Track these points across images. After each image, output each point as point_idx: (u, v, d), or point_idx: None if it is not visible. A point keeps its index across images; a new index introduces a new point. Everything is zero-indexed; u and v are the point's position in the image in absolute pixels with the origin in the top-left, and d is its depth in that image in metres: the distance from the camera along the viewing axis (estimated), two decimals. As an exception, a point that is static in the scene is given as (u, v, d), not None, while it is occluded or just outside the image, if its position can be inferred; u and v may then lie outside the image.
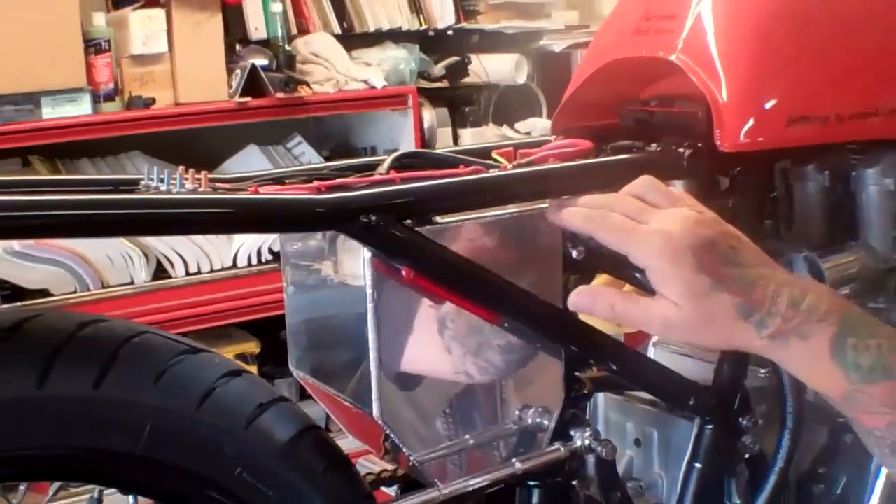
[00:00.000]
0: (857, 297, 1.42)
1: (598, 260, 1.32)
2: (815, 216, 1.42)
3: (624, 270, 1.36)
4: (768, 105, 1.30)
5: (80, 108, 2.97)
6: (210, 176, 1.21)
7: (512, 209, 1.19)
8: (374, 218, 1.07)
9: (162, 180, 1.12)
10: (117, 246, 2.96)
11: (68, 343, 1.03)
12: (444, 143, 3.78)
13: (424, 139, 3.62)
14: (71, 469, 1.07)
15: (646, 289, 1.35)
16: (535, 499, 1.37)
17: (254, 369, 3.42)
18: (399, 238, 1.10)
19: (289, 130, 3.57)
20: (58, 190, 1.20)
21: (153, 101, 3.11)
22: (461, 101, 3.86)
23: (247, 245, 3.12)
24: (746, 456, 1.37)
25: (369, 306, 1.13)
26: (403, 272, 1.11)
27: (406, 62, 3.60)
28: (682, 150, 1.30)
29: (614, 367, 1.31)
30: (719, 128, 1.29)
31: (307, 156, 3.57)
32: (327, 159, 3.58)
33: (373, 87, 3.44)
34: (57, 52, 2.91)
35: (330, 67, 3.43)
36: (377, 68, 3.50)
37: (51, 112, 2.92)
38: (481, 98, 3.89)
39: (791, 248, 1.37)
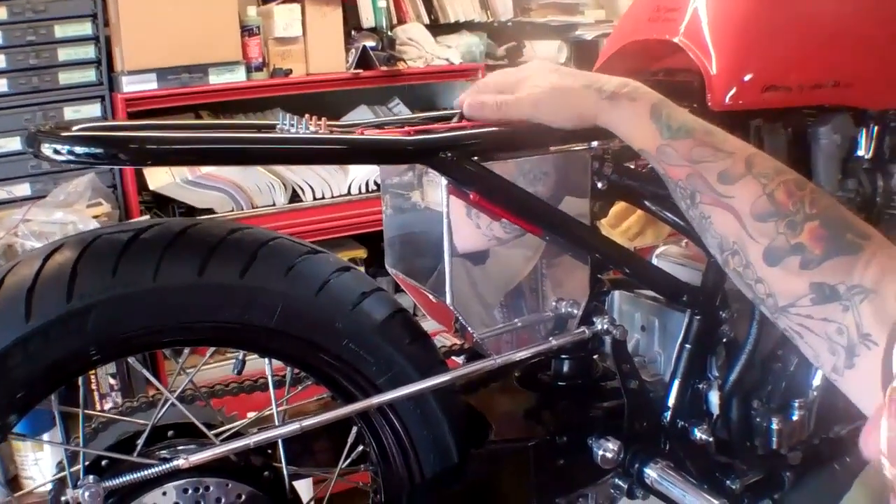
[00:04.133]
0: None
1: (616, 190, 1.28)
2: (785, 153, 1.36)
3: (636, 198, 1.32)
4: (747, 77, 1.24)
5: (237, 76, 2.94)
6: (328, 123, 1.18)
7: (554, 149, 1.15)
8: (450, 154, 1.04)
9: (292, 125, 1.09)
10: (263, 177, 2.95)
11: (221, 244, 1.01)
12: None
13: (489, 103, 3.56)
14: (221, 338, 1.06)
15: (657, 215, 1.32)
16: (565, 368, 1.34)
17: (361, 269, 3.41)
18: (468, 170, 1.07)
19: (390, 95, 3.52)
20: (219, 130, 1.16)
21: (291, 71, 3.07)
22: (517, 75, 3.78)
23: (358, 178, 3.08)
24: (724, 340, 1.33)
25: (445, 221, 1.10)
26: (471, 196, 1.08)
27: (476, 45, 3.52)
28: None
29: (627, 271, 1.27)
30: (710, 93, 1.24)
31: (404, 114, 3.51)
32: (417, 116, 3.54)
33: (452, 64, 3.37)
34: (221, 35, 2.88)
35: (420, 48, 3.37)
36: (455, 50, 3.42)
37: (215, 79, 2.90)
38: (532, 73, 3.81)
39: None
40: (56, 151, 0.91)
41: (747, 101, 1.23)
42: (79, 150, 0.90)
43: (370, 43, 3.22)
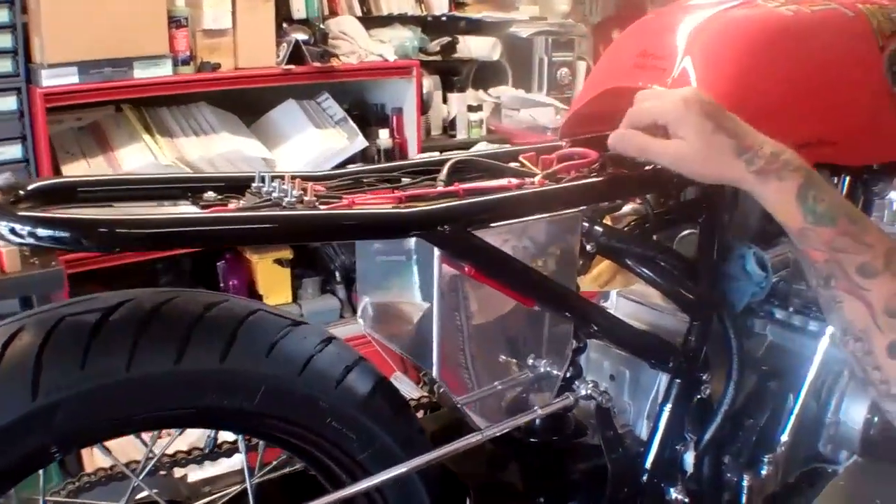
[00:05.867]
0: (787, 281, 1.36)
1: (604, 250, 1.23)
2: (760, 219, 1.34)
3: (619, 256, 1.28)
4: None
5: (163, 70, 2.81)
6: (302, 174, 1.10)
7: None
8: (447, 227, 0.97)
9: (273, 188, 1.00)
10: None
11: (198, 324, 0.93)
12: (436, 105, 3.63)
13: (423, 101, 3.48)
14: (196, 421, 0.98)
15: (637, 272, 1.27)
16: (538, 423, 1.29)
17: (288, 271, 3.32)
18: (464, 242, 1.00)
19: (319, 89, 3.41)
20: (187, 187, 1.06)
21: (219, 65, 2.95)
22: (450, 72, 3.71)
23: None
24: (702, 400, 1.30)
25: (436, 292, 1.03)
26: (466, 269, 1.01)
27: (410, 40, 3.44)
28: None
29: (608, 335, 1.23)
30: (704, 152, 1.18)
31: (332, 109, 3.41)
32: (347, 111, 3.43)
33: (386, 60, 3.28)
34: (147, 27, 2.75)
35: (353, 43, 3.27)
36: (389, 45, 3.34)
37: (140, 73, 2.76)
38: (464, 69, 3.74)
39: (743, 244, 1.30)
40: (13, 232, 0.81)
41: (737, 161, 1.20)
42: (42, 232, 0.81)
43: (302, 36, 3.12)
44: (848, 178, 1.40)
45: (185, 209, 1.01)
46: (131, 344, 0.87)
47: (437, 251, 1.00)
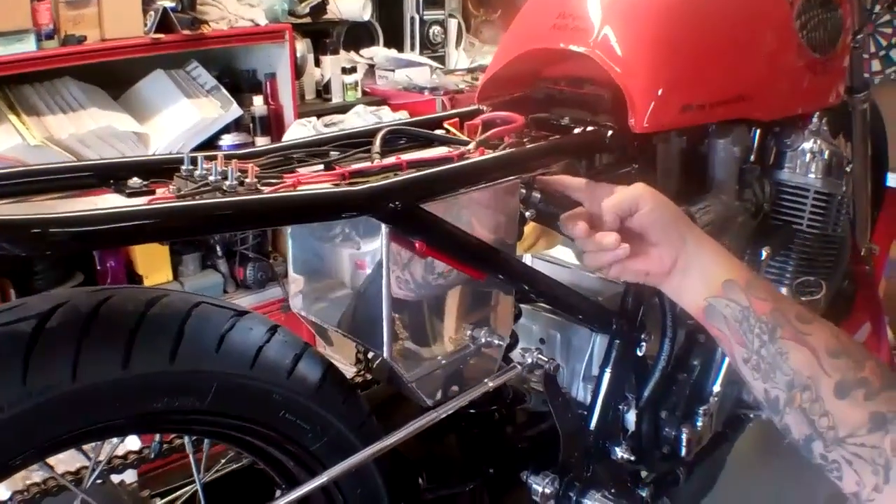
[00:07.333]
0: (713, 235, 1.37)
1: (541, 216, 1.20)
2: (685, 176, 1.35)
3: (552, 221, 1.25)
4: (670, 98, 1.20)
5: (27, 46, 2.60)
6: (229, 154, 1.03)
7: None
8: (398, 203, 0.92)
9: (207, 171, 0.93)
10: (60, 157, 2.64)
11: (141, 324, 0.86)
12: (309, 69, 3.52)
13: (297, 66, 3.36)
14: (144, 425, 0.91)
15: (564, 234, 1.26)
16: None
17: (167, 248, 3.15)
18: (414, 217, 0.95)
19: (187, 57, 3.24)
20: (109, 174, 0.98)
21: (85, 37, 2.76)
22: (321, 35, 3.59)
23: (159, 151, 2.84)
24: (641, 360, 1.31)
25: (384, 270, 0.98)
26: (417, 245, 0.97)
27: (280, 3, 3.31)
28: (606, 130, 1.19)
29: (552, 302, 1.21)
30: (633, 114, 1.18)
31: (203, 77, 3.25)
32: (217, 78, 3.27)
33: (258, 25, 3.15)
34: (7, 0, 2.53)
35: (223, 8, 3.12)
36: (258, 9, 3.20)
37: (3, 49, 2.55)
38: (335, 31, 3.63)
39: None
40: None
41: (667, 121, 1.19)
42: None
43: (169, 3, 2.95)
44: (759, 131, 1.42)
45: (113, 199, 0.92)
46: (74, 353, 0.80)
47: (384, 228, 0.96)
